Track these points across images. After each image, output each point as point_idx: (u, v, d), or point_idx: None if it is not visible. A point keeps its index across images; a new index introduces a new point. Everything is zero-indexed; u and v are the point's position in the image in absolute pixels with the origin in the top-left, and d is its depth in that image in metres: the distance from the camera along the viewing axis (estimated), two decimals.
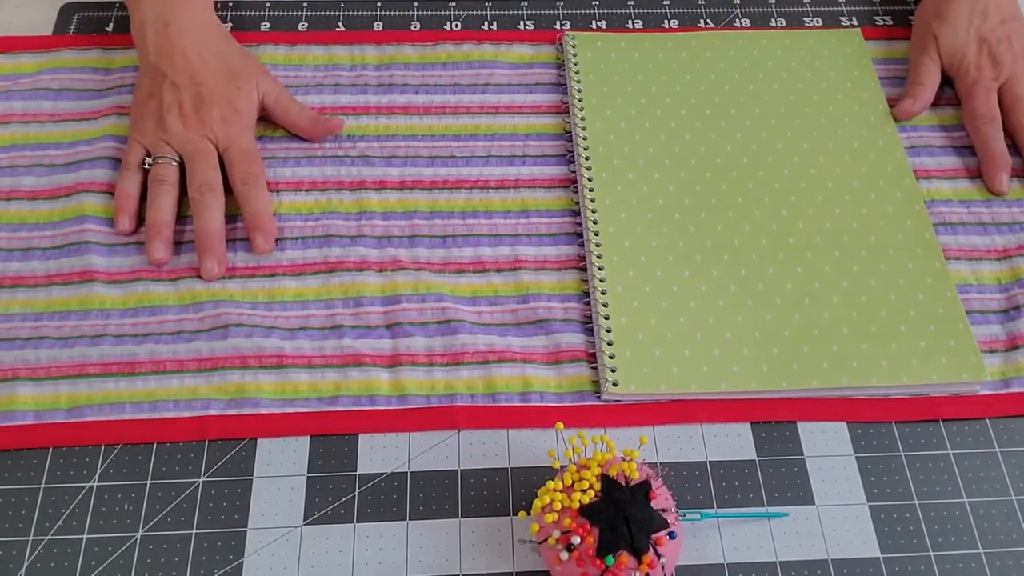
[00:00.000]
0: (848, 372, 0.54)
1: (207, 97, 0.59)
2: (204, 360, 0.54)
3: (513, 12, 0.71)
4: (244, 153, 0.59)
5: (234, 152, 0.59)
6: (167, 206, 0.57)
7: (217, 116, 0.59)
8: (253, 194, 0.58)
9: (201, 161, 0.58)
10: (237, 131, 0.60)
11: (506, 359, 0.55)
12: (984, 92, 0.64)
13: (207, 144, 0.59)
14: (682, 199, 0.61)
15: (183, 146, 0.59)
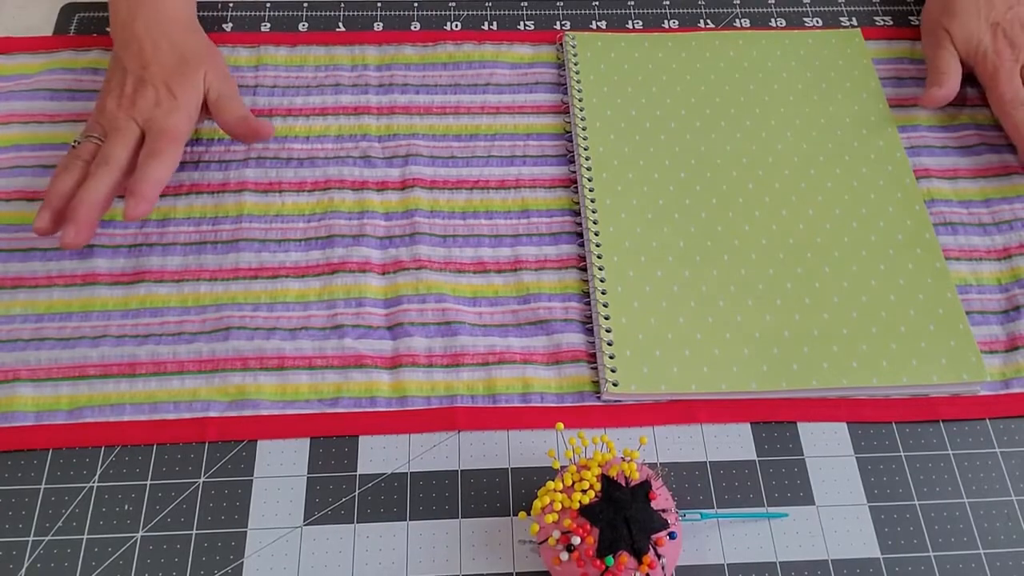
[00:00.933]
0: (848, 372, 0.54)
1: (148, 80, 0.59)
2: (205, 361, 0.54)
3: (513, 12, 0.71)
4: (160, 131, 0.58)
5: (152, 131, 0.58)
6: (69, 179, 0.56)
7: (151, 98, 0.59)
8: (146, 164, 0.56)
9: (114, 137, 0.57)
10: (165, 113, 0.58)
11: (506, 360, 0.55)
12: (1007, 76, 0.64)
13: (130, 124, 0.58)
14: (682, 199, 0.61)
15: (109, 124, 0.58)
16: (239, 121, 0.61)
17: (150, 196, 0.56)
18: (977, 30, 0.65)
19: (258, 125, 0.62)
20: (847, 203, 0.61)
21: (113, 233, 0.59)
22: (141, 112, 0.58)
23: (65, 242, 0.54)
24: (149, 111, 0.58)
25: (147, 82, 0.59)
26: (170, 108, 0.59)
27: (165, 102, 0.59)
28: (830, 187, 0.62)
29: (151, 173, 0.56)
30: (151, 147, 0.57)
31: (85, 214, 0.55)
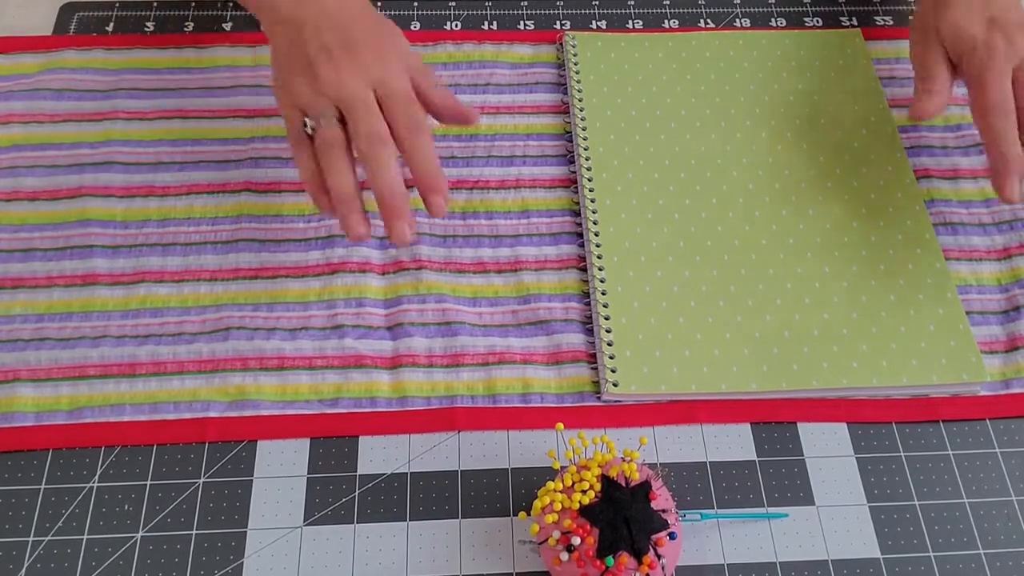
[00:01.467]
0: (848, 372, 0.54)
1: (356, 38, 0.52)
2: (205, 362, 0.54)
3: (513, 12, 0.71)
4: (405, 97, 0.51)
5: (394, 100, 0.51)
6: (345, 170, 0.50)
7: (370, 56, 0.51)
8: (420, 144, 0.51)
9: (362, 108, 0.50)
10: (395, 71, 0.52)
11: (506, 360, 0.55)
12: (996, 78, 0.55)
13: (364, 89, 0.51)
14: (682, 199, 0.61)
15: (338, 92, 0.50)
16: (444, 99, 0.54)
17: (446, 186, 0.51)
18: (970, 23, 0.57)
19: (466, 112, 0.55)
20: (847, 203, 0.61)
21: (114, 233, 0.59)
22: (369, 72, 0.51)
23: (405, 241, 0.50)
24: (376, 70, 0.51)
25: (357, 39, 0.52)
26: (396, 68, 0.52)
27: (388, 59, 0.52)
28: (830, 187, 0.62)
29: (433, 161, 0.51)
30: (410, 120, 0.51)
31: (404, 204, 0.49)
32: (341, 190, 0.50)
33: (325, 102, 0.51)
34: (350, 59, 0.51)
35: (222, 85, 0.66)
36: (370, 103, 0.51)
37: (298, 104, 0.52)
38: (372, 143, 0.50)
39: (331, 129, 0.50)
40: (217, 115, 0.64)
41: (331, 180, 0.50)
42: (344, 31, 0.52)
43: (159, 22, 0.69)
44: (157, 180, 0.61)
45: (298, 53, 0.52)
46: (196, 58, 0.67)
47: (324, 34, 0.52)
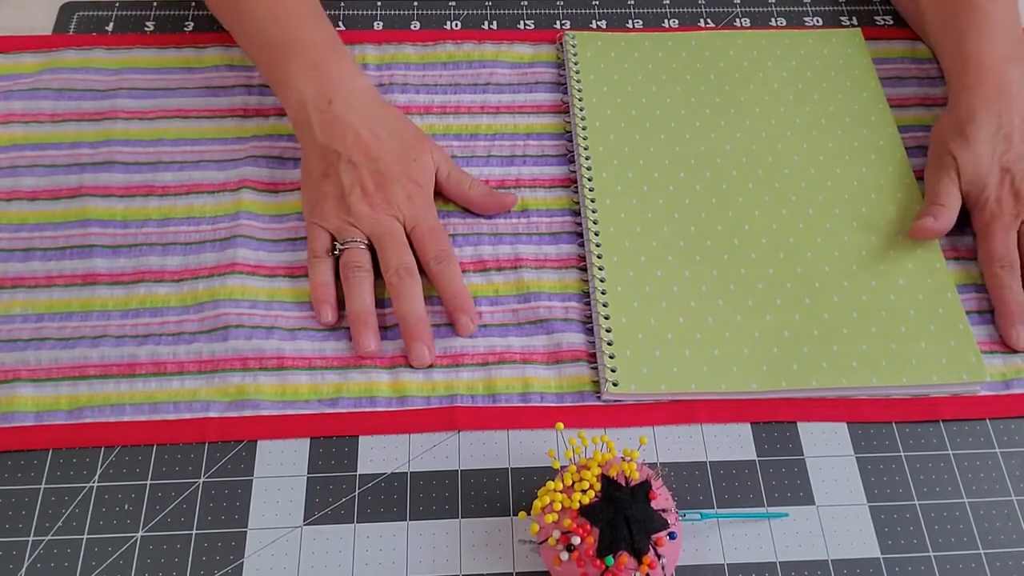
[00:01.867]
0: (848, 372, 0.54)
1: (387, 174, 0.57)
2: (204, 362, 0.54)
3: (513, 12, 0.71)
4: (433, 231, 0.57)
5: (423, 230, 0.57)
6: (366, 292, 0.55)
7: (402, 194, 0.57)
8: (448, 272, 0.56)
9: (393, 243, 0.56)
10: (422, 208, 0.57)
11: (506, 360, 0.55)
12: (1002, 231, 0.58)
13: (396, 224, 0.56)
14: (682, 199, 0.61)
15: (372, 228, 0.56)
16: (484, 197, 0.60)
17: (473, 306, 0.56)
18: (986, 170, 0.58)
19: (503, 198, 0.60)
20: (847, 202, 0.61)
21: (114, 233, 0.59)
22: (400, 210, 0.56)
23: (424, 362, 0.54)
24: (405, 208, 0.57)
25: (387, 176, 0.57)
26: (424, 202, 0.58)
27: (416, 195, 0.57)
28: (830, 186, 0.62)
29: (460, 284, 0.56)
30: (438, 250, 0.56)
31: (426, 330, 0.54)
32: (359, 310, 0.55)
33: (357, 232, 0.56)
34: (383, 196, 0.56)
35: (222, 85, 0.66)
36: (400, 237, 0.56)
37: (328, 228, 0.57)
38: (401, 276, 0.55)
39: (358, 253, 0.56)
40: (217, 115, 0.64)
41: (353, 300, 0.55)
42: (376, 164, 0.57)
43: (159, 22, 0.69)
44: (157, 180, 0.61)
45: (332, 183, 0.57)
46: (196, 58, 0.67)
47: (358, 169, 0.56)
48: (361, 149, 0.57)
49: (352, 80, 0.59)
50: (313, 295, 0.56)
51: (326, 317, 0.55)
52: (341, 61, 0.60)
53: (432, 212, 0.58)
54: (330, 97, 0.58)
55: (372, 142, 0.57)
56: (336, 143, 0.57)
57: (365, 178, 0.56)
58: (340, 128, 0.57)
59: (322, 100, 0.58)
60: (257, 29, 0.61)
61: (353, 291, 0.55)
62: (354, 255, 0.56)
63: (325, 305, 0.55)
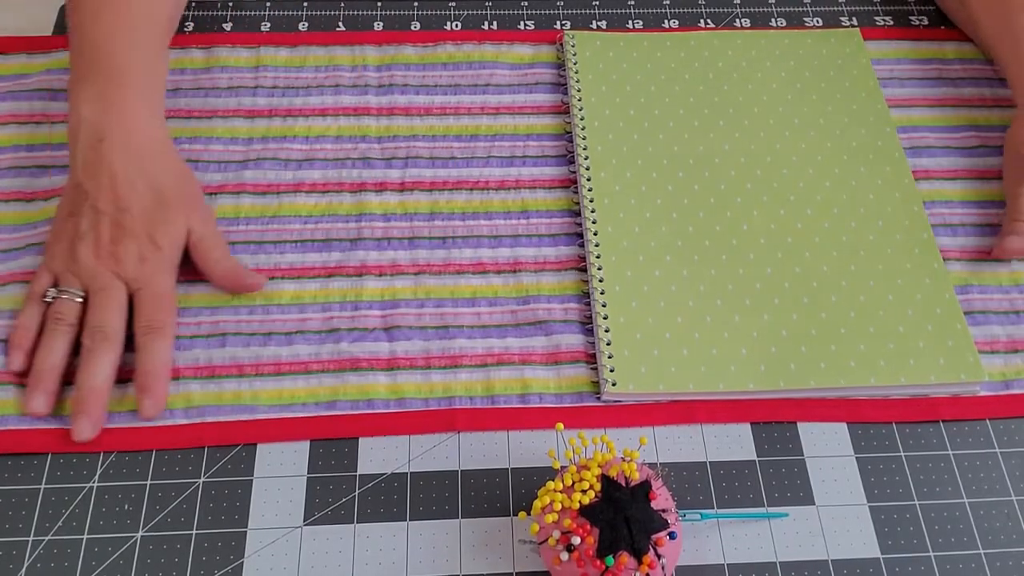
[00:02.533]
0: (846, 372, 0.54)
1: (128, 228, 0.53)
2: (201, 368, 0.54)
3: (513, 12, 0.71)
4: (155, 297, 0.53)
5: (144, 295, 0.53)
6: (58, 349, 0.52)
7: (135, 252, 0.53)
8: (153, 347, 0.52)
9: (104, 302, 0.52)
10: (153, 271, 0.53)
11: (504, 362, 0.55)
12: None
13: (116, 282, 0.52)
14: (680, 199, 0.61)
15: (90, 282, 0.52)
16: (226, 272, 0.56)
17: (164, 393, 0.52)
18: None
19: (248, 277, 0.56)
20: (845, 203, 0.61)
21: None
22: (126, 269, 0.53)
23: (83, 438, 0.50)
24: (135, 268, 0.53)
25: (126, 229, 0.53)
26: (157, 264, 0.53)
27: (150, 256, 0.53)
28: (828, 187, 0.62)
29: (161, 358, 0.52)
30: (151, 319, 0.52)
31: (98, 404, 0.51)
32: (42, 367, 0.51)
33: (76, 282, 0.53)
34: (113, 250, 0.53)
35: (222, 85, 0.66)
36: (115, 298, 0.52)
37: (51, 270, 0.54)
38: (95, 338, 0.51)
39: (67, 305, 0.52)
40: (217, 115, 0.64)
41: (42, 356, 0.52)
42: (121, 215, 0.53)
43: None
44: None
45: (72, 225, 0.54)
46: (196, 58, 0.67)
47: (99, 217, 0.53)
48: (111, 197, 0.53)
49: (137, 122, 0.56)
50: (10, 335, 0.53)
51: (13, 363, 0.52)
52: (139, 99, 0.56)
53: (166, 278, 0.54)
54: (102, 135, 0.54)
55: (125, 191, 0.54)
56: (89, 183, 0.54)
57: (103, 228, 0.53)
58: (100, 169, 0.54)
59: (94, 137, 0.54)
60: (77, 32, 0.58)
61: (46, 345, 0.52)
62: (62, 307, 0.52)
63: (17, 351, 0.52)
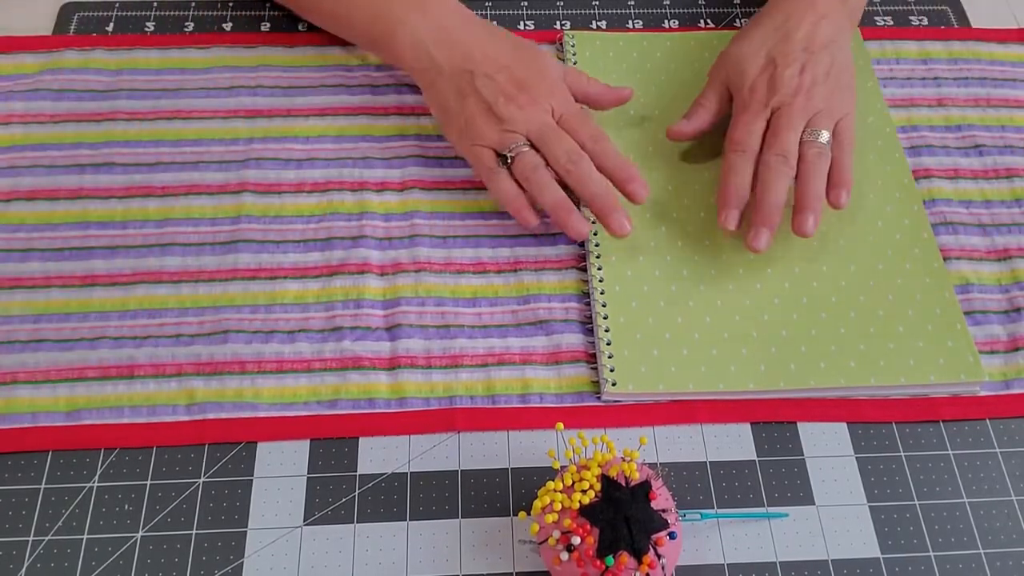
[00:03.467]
0: (846, 372, 0.54)
1: (522, 76, 0.58)
2: (203, 364, 0.54)
3: (513, 12, 0.71)
4: (578, 116, 0.59)
5: (570, 118, 0.58)
6: (555, 186, 0.56)
7: (543, 88, 0.59)
8: (607, 149, 0.58)
9: (553, 135, 0.57)
10: (563, 97, 0.59)
11: (505, 361, 0.55)
12: (746, 118, 0.58)
13: (548, 117, 0.58)
14: (680, 199, 0.61)
15: (528, 127, 0.57)
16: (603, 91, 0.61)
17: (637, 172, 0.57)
18: (750, 59, 0.59)
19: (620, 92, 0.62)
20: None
21: (113, 234, 0.59)
22: (546, 103, 0.58)
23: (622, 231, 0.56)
24: (551, 100, 0.58)
25: (523, 78, 0.58)
26: (562, 91, 0.59)
27: (555, 88, 0.59)
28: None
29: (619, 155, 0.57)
30: (592, 131, 0.58)
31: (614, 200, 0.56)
32: (557, 199, 0.56)
33: (516, 136, 0.57)
34: (527, 95, 0.58)
35: (222, 86, 0.66)
36: (556, 128, 0.58)
37: (488, 143, 0.58)
38: (573, 160, 0.56)
39: (530, 155, 0.57)
40: (217, 116, 0.64)
41: (546, 195, 0.56)
42: (508, 71, 0.58)
43: (159, 22, 0.69)
44: (156, 180, 0.61)
45: (474, 100, 0.58)
46: (196, 58, 0.67)
47: (495, 79, 0.58)
48: (490, 62, 0.59)
49: (456, 9, 0.62)
50: (508, 207, 0.57)
51: (532, 220, 0.57)
52: None
53: (571, 100, 0.60)
54: (443, 24, 0.60)
55: (496, 53, 0.59)
56: (464, 63, 0.59)
57: (504, 85, 0.58)
58: (462, 49, 0.59)
59: (435, 31, 0.60)
60: None
61: (543, 187, 0.56)
62: (527, 158, 0.57)
63: (524, 211, 0.57)
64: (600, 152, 0.57)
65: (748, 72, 0.59)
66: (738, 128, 0.58)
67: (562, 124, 0.58)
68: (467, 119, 0.58)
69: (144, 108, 0.64)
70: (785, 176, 0.56)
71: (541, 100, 0.58)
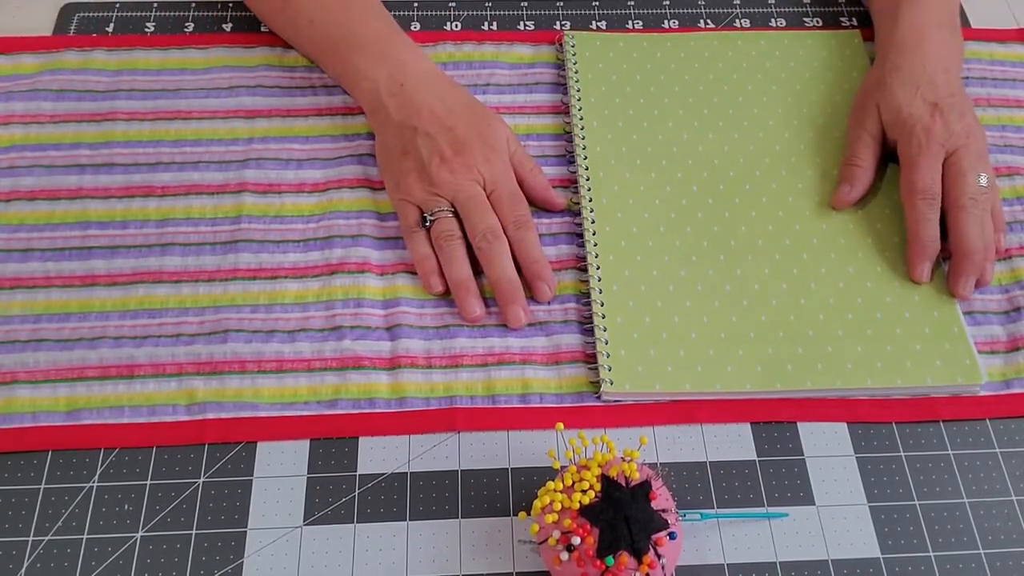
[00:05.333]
0: (843, 373, 0.54)
1: (463, 140, 0.58)
2: (203, 364, 0.54)
3: (513, 12, 0.71)
4: (511, 195, 0.58)
5: (501, 194, 0.58)
6: (463, 259, 0.56)
7: (479, 157, 0.58)
8: (529, 238, 0.57)
9: (477, 207, 0.57)
10: (501, 170, 0.58)
11: (505, 361, 0.55)
12: (929, 162, 0.57)
13: (477, 188, 0.57)
14: (679, 199, 0.61)
15: (455, 193, 0.57)
16: (537, 184, 0.60)
17: (552, 275, 0.57)
18: (911, 104, 0.59)
19: (556, 196, 0.60)
20: None
21: (113, 234, 0.59)
22: (479, 173, 0.58)
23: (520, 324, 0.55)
24: (484, 170, 0.58)
25: (464, 142, 0.58)
26: (501, 165, 0.59)
27: (492, 157, 0.58)
28: (827, 188, 0.62)
29: (539, 252, 0.57)
30: (518, 216, 0.57)
31: (519, 292, 0.56)
32: (460, 277, 0.56)
33: (441, 200, 0.57)
34: (462, 161, 0.57)
35: (222, 86, 0.66)
36: (483, 200, 0.57)
37: (414, 201, 0.58)
38: (489, 240, 0.56)
39: (448, 222, 0.57)
40: (217, 116, 0.64)
41: (451, 269, 0.56)
42: (452, 133, 0.58)
43: (159, 23, 0.69)
44: (156, 180, 0.61)
45: (412, 157, 0.58)
46: (196, 59, 0.67)
47: (436, 139, 0.58)
48: (435, 121, 0.59)
49: (417, 63, 0.62)
50: (418, 269, 0.57)
51: (436, 287, 0.56)
52: (404, 47, 0.62)
53: (510, 176, 0.59)
54: (401, 80, 0.60)
55: (445, 114, 0.59)
56: (412, 119, 0.59)
57: (443, 146, 0.58)
58: (414, 106, 0.59)
59: (394, 84, 0.60)
60: (318, 32, 0.63)
61: (450, 260, 0.56)
62: (444, 224, 0.57)
63: (432, 276, 0.57)
64: (519, 240, 0.57)
65: (915, 115, 0.58)
66: (921, 173, 0.57)
67: (491, 199, 0.58)
68: (401, 173, 0.58)
69: (144, 108, 0.64)
70: (979, 220, 0.56)
71: (475, 168, 0.57)
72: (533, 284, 0.56)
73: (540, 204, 0.61)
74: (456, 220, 0.57)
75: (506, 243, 0.56)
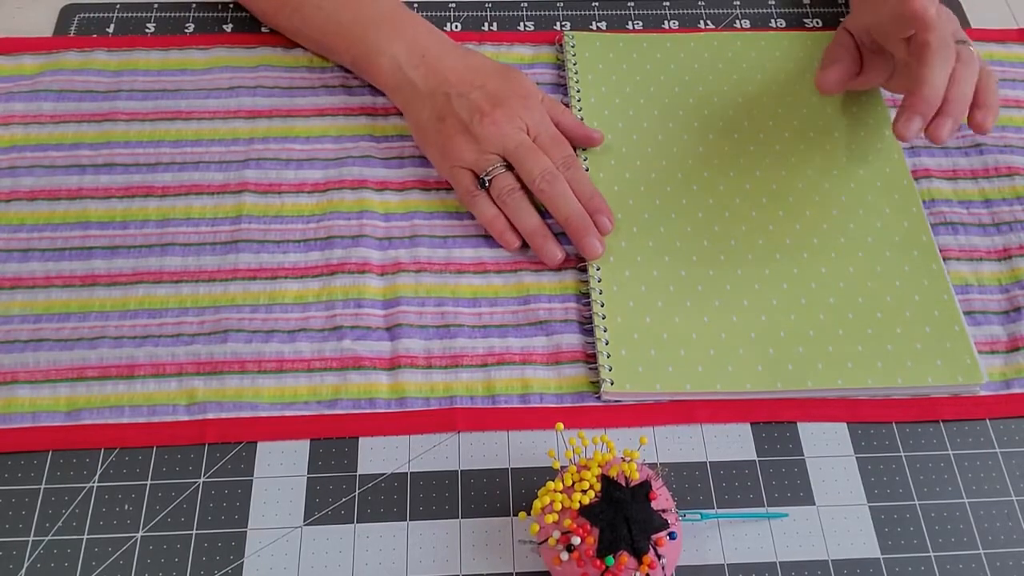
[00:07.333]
0: (843, 373, 0.54)
1: (498, 92, 0.59)
2: (203, 364, 0.54)
3: (513, 13, 0.71)
4: (553, 138, 0.59)
5: (544, 138, 0.59)
6: (531, 209, 0.58)
7: (518, 105, 0.59)
8: (579, 176, 0.58)
9: (528, 153, 0.58)
10: (539, 115, 0.60)
11: (505, 361, 0.55)
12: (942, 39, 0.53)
13: (523, 135, 0.58)
14: (679, 199, 0.61)
15: (503, 145, 0.58)
16: (573, 124, 0.61)
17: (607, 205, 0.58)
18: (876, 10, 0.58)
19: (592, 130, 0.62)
20: (844, 204, 0.61)
21: (113, 234, 0.59)
22: (522, 122, 0.59)
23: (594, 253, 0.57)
24: (527, 117, 0.59)
25: (499, 94, 0.59)
26: (538, 110, 0.60)
27: (530, 105, 0.60)
28: (827, 188, 0.62)
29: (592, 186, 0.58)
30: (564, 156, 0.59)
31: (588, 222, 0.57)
32: (533, 227, 0.57)
33: (492, 156, 0.58)
34: (503, 112, 0.58)
35: (222, 86, 0.66)
36: (531, 145, 0.58)
37: (465, 164, 0.58)
38: (548, 179, 0.57)
39: (505, 177, 0.58)
40: (217, 116, 0.64)
41: (522, 221, 0.57)
42: (485, 89, 0.59)
43: (160, 23, 0.69)
44: (156, 180, 0.61)
45: (452, 121, 0.59)
46: (196, 59, 0.67)
47: (471, 98, 0.59)
48: (465, 82, 0.59)
49: (432, 33, 0.63)
50: (490, 230, 0.58)
51: (513, 243, 0.58)
52: (415, 21, 0.63)
53: (547, 120, 0.60)
54: (421, 52, 0.61)
55: (472, 74, 0.60)
56: (442, 86, 0.59)
57: (480, 102, 0.58)
58: (441, 73, 0.60)
59: (415, 56, 0.61)
60: (328, 18, 0.63)
61: (518, 212, 0.57)
62: (503, 180, 0.57)
63: (506, 233, 0.58)
64: (571, 179, 0.58)
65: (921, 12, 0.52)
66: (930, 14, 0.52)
67: (536, 143, 0.59)
68: (444, 140, 0.59)
69: (144, 109, 0.64)
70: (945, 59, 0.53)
71: (516, 116, 0.58)
72: (596, 219, 0.57)
73: (580, 142, 0.62)
74: (512, 173, 0.58)
75: (564, 181, 0.57)
